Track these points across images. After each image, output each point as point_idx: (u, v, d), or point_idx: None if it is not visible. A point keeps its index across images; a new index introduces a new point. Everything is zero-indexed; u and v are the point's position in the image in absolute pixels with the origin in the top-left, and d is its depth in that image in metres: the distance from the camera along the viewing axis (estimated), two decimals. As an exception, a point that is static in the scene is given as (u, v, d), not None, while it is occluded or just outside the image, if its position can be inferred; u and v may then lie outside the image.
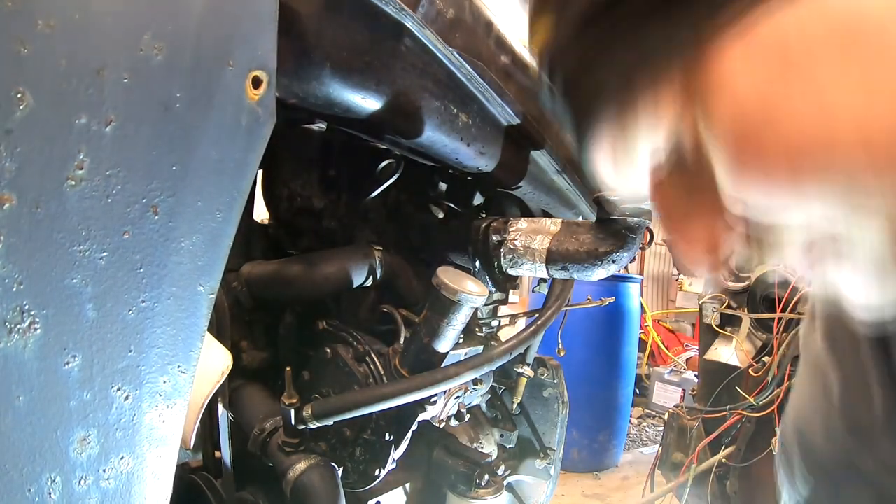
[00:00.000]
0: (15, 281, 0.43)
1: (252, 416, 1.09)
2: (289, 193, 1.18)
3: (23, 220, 0.43)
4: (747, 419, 2.19)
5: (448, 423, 1.25)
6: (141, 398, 0.53)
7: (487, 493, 1.17)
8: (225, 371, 0.83)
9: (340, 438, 1.08)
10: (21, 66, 0.42)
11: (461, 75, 0.90)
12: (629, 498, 4.04)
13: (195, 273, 0.56)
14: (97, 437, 0.50)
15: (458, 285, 0.93)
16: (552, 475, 1.53)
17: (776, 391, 2.04)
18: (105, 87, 0.46)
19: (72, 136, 0.45)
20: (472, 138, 0.98)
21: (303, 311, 1.22)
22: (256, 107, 0.58)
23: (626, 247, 0.94)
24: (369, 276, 1.12)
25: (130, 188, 0.49)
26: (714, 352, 2.56)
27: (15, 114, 0.42)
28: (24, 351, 0.45)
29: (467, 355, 1.12)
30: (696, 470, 2.31)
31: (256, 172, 0.62)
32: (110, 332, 0.50)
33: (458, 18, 0.86)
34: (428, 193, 1.27)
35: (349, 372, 1.05)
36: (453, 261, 1.20)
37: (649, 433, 5.50)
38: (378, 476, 1.05)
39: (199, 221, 0.55)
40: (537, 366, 1.49)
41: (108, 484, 0.52)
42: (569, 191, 1.32)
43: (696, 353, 4.54)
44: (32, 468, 0.46)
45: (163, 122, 0.51)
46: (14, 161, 0.42)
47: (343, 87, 0.75)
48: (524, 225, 1.05)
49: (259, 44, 0.57)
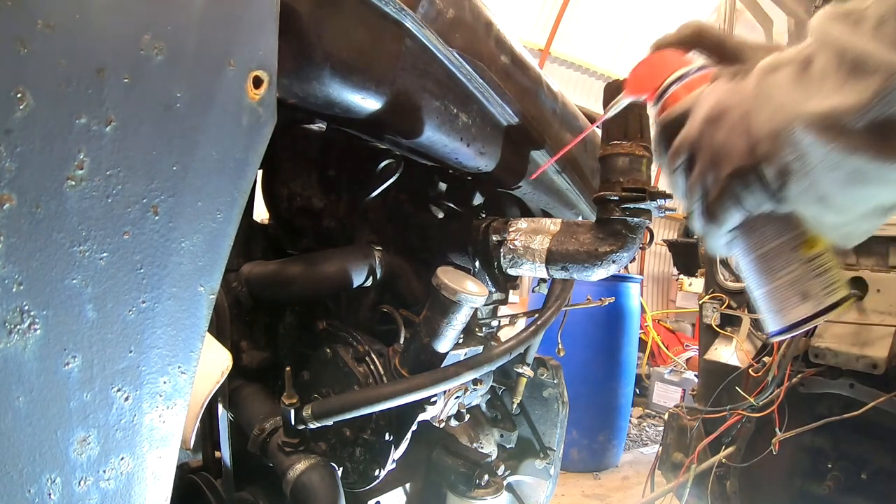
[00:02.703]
0: (15, 281, 0.43)
1: (252, 417, 1.09)
2: (289, 193, 1.18)
3: (23, 221, 0.43)
4: (747, 419, 2.19)
5: (448, 424, 1.25)
6: (141, 399, 0.53)
7: (487, 493, 1.17)
8: (225, 371, 0.82)
9: (340, 438, 1.08)
10: (21, 65, 0.42)
11: (461, 75, 0.90)
12: (629, 498, 4.04)
13: (195, 273, 0.56)
14: (97, 438, 0.50)
15: (457, 285, 0.92)
16: (552, 475, 1.53)
17: (776, 391, 2.04)
18: (105, 87, 0.46)
19: (72, 136, 0.45)
20: (471, 138, 0.98)
21: (303, 311, 1.22)
22: (257, 107, 0.58)
23: (626, 247, 0.94)
24: (369, 277, 1.12)
25: (131, 188, 0.49)
26: (714, 352, 2.56)
27: (15, 114, 0.42)
28: (24, 351, 0.45)
29: (467, 355, 1.12)
30: (696, 470, 2.31)
31: (257, 172, 0.62)
32: (110, 332, 0.50)
33: (458, 18, 0.86)
34: (428, 193, 1.27)
35: (349, 372, 1.05)
36: (453, 261, 1.20)
37: (649, 433, 5.51)
38: (378, 476, 1.05)
39: (199, 221, 0.55)
40: (537, 366, 1.49)
41: (108, 484, 0.52)
42: (569, 191, 1.32)
43: (696, 353, 4.54)
44: (32, 469, 0.46)
45: (163, 122, 0.50)
46: (14, 161, 0.42)
47: (343, 87, 0.75)
48: (524, 225, 1.05)
49: (260, 44, 0.57)
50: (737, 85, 0.58)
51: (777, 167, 0.52)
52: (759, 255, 0.63)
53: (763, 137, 0.52)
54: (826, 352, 2.00)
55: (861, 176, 0.48)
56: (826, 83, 0.48)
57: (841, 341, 1.98)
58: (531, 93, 1.06)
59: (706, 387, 2.52)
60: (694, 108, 0.61)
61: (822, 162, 0.49)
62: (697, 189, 0.60)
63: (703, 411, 2.39)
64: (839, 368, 1.98)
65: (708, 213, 0.60)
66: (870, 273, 2.00)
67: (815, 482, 2.19)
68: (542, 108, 1.09)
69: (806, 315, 0.61)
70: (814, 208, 0.53)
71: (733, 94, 0.57)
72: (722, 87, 0.59)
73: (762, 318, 0.65)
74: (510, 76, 0.98)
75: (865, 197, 0.50)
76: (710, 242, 0.64)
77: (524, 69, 1.02)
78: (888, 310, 1.93)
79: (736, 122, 0.55)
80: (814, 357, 2.02)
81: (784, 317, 0.63)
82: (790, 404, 2.03)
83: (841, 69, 0.47)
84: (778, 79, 0.53)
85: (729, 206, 0.58)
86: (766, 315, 0.64)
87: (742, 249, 0.64)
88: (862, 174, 0.48)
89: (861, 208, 0.52)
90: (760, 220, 0.61)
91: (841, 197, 0.51)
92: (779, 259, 0.62)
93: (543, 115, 1.10)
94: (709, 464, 2.30)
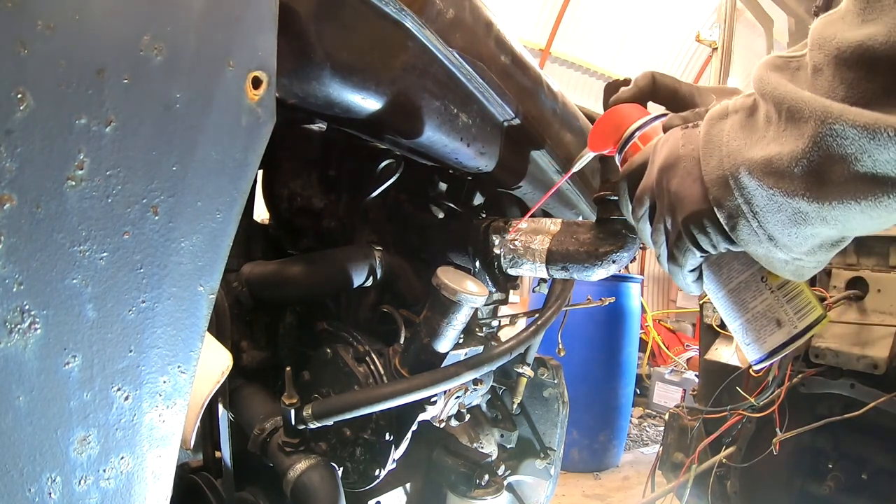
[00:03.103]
0: (15, 281, 0.44)
1: (252, 416, 1.09)
2: (289, 193, 1.18)
3: (23, 221, 0.43)
4: (748, 419, 2.19)
5: (448, 423, 1.25)
6: (141, 398, 0.53)
7: (487, 493, 1.17)
8: (225, 371, 0.83)
9: (340, 438, 1.08)
10: (21, 66, 0.42)
11: (461, 75, 0.90)
12: (629, 498, 4.04)
13: (195, 273, 0.56)
14: (97, 438, 0.50)
15: (458, 285, 0.93)
16: (552, 475, 1.53)
17: (777, 391, 2.04)
18: (105, 88, 0.46)
19: (72, 136, 0.45)
20: (472, 138, 0.98)
21: (303, 311, 1.22)
22: (256, 107, 0.58)
23: (626, 247, 0.94)
24: (369, 277, 1.12)
25: (130, 188, 0.49)
26: (715, 352, 2.56)
27: (15, 114, 0.42)
28: (25, 351, 0.45)
29: (467, 355, 1.12)
30: (696, 470, 2.31)
31: (256, 172, 0.62)
32: (110, 332, 0.50)
33: (458, 18, 0.86)
34: (428, 193, 1.27)
35: (349, 372, 1.05)
36: (453, 261, 1.20)
37: (650, 433, 5.50)
38: (378, 476, 1.05)
39: (199, 221, 0.55)
40: (537, 366, 1.49)
41: (109, 484, 0.52)
42: (569, 191, 1.32)
43: (696, 353, 4.53)
44: (33, 468, 0.46)
45: (163, 123, 0.51)
46: (14, 161, 0.42)
47: (343, 88, 0.75)
48: (524, 225, 1.05)
49: (259, 44, 0.57)
50: (689, 133, 0.61)
51: (727, 211, 0.55)
52: (729, 289, 0.66)
53: (713, 183, 0.56)
54: (827, 352, 2.00)
55: (802, 217, 0.51)
56: (769, 131, 0.52)
57: (842, 341, 1.98)
58: (531, 93, 1.06)
59: (707, 387, 2.52)
60: (651, 158, 0.65)
61: (767, 205, 0.52)
62: (660, 234, 0.65)
63: (704, 411, 2.39)
64: (840, 368, 1.98)
65: (670, 256, 0.65)
66: (870, 273, 2.00)
67: (815, 482, 2.19)
68: (542, 108, 1.09)
69: (782, 341, 0.64)
70: (764, 247, 0.56)
71: (686, 142, 0.61)
72: (676, 135, 0.63)
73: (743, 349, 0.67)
74: (510, 76, 0.98)
75: (809, 235, 0.53)
76: (678, 282, 0.68)
77: (524, 69, 1.02)
78: (889, 310, 1.93)
79: (689, 169, 0.59)
80: (814, 357, 2.02)
81: (762, 345, 0.65)
82: (791, 404, 2.03)
83: (780, 117, 0.50)
84: (725, 126, 0.56)
85: (687, 249, 0.62)
86: (745, 346, 0.67)
87: (713, 286, 0.67)
88: (803, 215, 0.51)
89: (807, 245, 0.54)
90: (727, 256, 0.64)
91: (786, 237, 0.53)
92: (748, 291, 0.65)
93: (544, 115, 1.10)
94: (709, 464, 2.30)
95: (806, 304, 0.64)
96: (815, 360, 2.03)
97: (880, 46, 0.43)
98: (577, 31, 8.90)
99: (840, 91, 0.46)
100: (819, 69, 0.48)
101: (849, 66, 0.46)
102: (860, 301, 1.99)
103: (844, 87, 0.46)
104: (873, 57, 0.44)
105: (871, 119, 0.43)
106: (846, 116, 0.45)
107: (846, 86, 0.46)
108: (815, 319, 0.63)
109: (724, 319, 0.69)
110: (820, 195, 0.48)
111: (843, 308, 2.01)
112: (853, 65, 0.46)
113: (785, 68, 0.52)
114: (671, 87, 0.75)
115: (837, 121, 0.45)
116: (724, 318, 0.69)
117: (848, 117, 0.45)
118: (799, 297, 0.64)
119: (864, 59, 0.45)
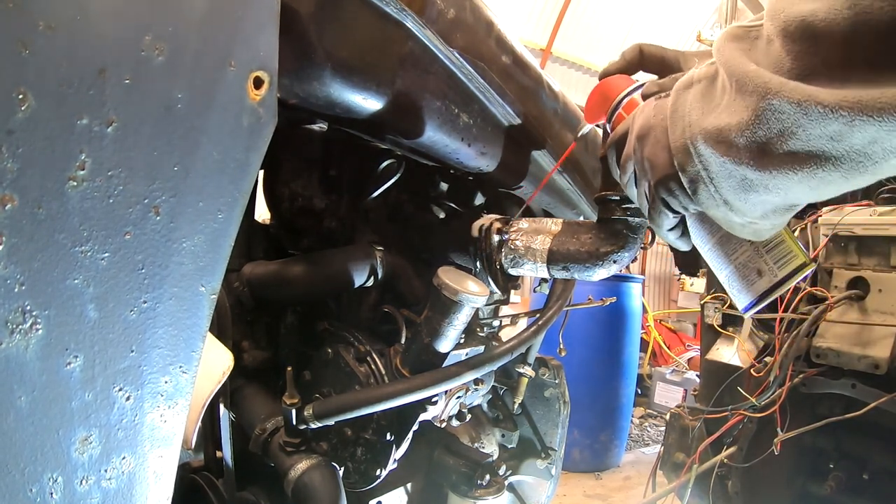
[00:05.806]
0: (17, 282, 0.44)
1: (253, 416, 1.09)
2: (290, 194, 1.18)
3: (24, 221, 0.43)
4: (749, 419, 2.18)
5: (449, 423, 1.25)
6: (142, 398, 0.53)
7: (488, 493, 1.17)
8: (226, 371, 0.83)
9: (341, 438, 1.08)
10: (22, 66, 0.42)
11: (462, 75, 0.90)
12: (631, 498, 4.04)
13: (197, 273, 0.56)
14: (99, 438, 0.50)
15: (458, 285, 0.93)
16: (553, 475, 1.53)
17: (778, 391, 2.04)
18: (106, 88, 0.46)
19: (73, 136, 0.45)
20: (473, 138, 0.98)
21: (304, 312, 1.22)
22: (258, 107, 0.58)
23: (627, 247, 0.94)
24: (370, 277, 1.12)
25: (132, 188, 0.49)
26: (716, 352, 2.55)
27: (17, 115, 0.42)
28: (26, 351, 0.45)
29: (468, 355, 1.12)
30: (697, 470, 2.31)
31: (258, 172, 0.62)
32: (112, 332, 0.50)
33: (458, 18, 0.86)
34: (429, 193, 1.27)
35: (350, 372, 1.05)
36: (454, 261, 1.20)
37: (651, 433, 5.50)
38: (379, 476, 1.06)
39: (200, 222, 0.55)
40: (539, 366, 1.49)
41: (110, 484, 0.52)
42: (569, 191, 1.32)
43: (697, 353, 4.53)
44: (34, 468, 0.46)
45: (164, 123, 0.51)
46: (16, 162, 0.42)
47: (344, 88, 0.75)
48: (525, 225, 1.05)
49: (260, 44, 0.57)
50: (660, 103, 0.65)
51: (689, 176, 0.59)
52: (713, 243, 0.70)
53: (677, 150, 0.59)
54: (828, 352, 1.99)
55: (749, 184, 0.54)
56: (723, 100, 0.55)
57: (843, 341, 1.98)
58: (532, 93, 1.06)
59: (708, 387, 2.52)
60: (630, 127, 0.69)
61: (720, 171, 0.55)
62: (643, 197, 0.70)
63: (705, 411, 2.38)
64: (841, 369, 1.97)
65: (649, 217, 0.70)
66: (871, 273, 1.99)
67: (816, 482, 2.18)
68: (543, 107, 1.09)
69: (765, 288, 0.68)
70: (721, 211, 0.60)
71: (657, 112, 0.64)
72: (650, 105, 0.67)
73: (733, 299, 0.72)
74: (511, 76, 0.98)
75: (758, 202, 0.56)
76: (662, 237, 0.73)
77: (525, 69, 1.02)
78: (890, 310, 1.93)
79: (658, 137, 0.63)
80: (815, 357, 2.02)
81: (748, 293, 0.69)
82: (792, 404, 2.03)
83: (731, 88, 0.53)
84: (689, 96, 0.60)
85: (661, 210, 0.67)
86: (734, 294, 0.72)
87: (699, 240, 0.72)
88: (749, 182, 0.54)
89: (759, 211, 0.58)
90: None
91: (739, 201, 0.57)
92: (729, 244, 0.69)
93: (545, 114, 1.10)
94: (710, 464, 2.30)
95: (787, 254, 0.68)
96: (816, 360, 2.03)
97: (820, 22, 0.46)
98: (577, 31, 8.89)
99: (786, 62, 0.49)
100: (771, 40, 0.50)
101: (794, 39, 0.48)
102: (861, 301, 1.99)
103: (790, 58, 0.48)
104: (814, 32, 0.46)
105: (804, 95, 0.46)
106: (783, 92, 0.47)
107: (792, 57, 0.48)
108: (795, 267, 0.67)
109: (714, 271, 0.73)
110: (761, 165, 0.51)
111: (845, 308, 2.01)
112: (798, 38, 0.48)
113: (745, 37, 0.54)
114: (658, 56, 0.78)
115: (776, 96, 0.48)
116: (714, 270, 0.73)
117: (784, 93, 0.47)
118: (779, 248, 0.68)
119: (807, 34, 0.47)
